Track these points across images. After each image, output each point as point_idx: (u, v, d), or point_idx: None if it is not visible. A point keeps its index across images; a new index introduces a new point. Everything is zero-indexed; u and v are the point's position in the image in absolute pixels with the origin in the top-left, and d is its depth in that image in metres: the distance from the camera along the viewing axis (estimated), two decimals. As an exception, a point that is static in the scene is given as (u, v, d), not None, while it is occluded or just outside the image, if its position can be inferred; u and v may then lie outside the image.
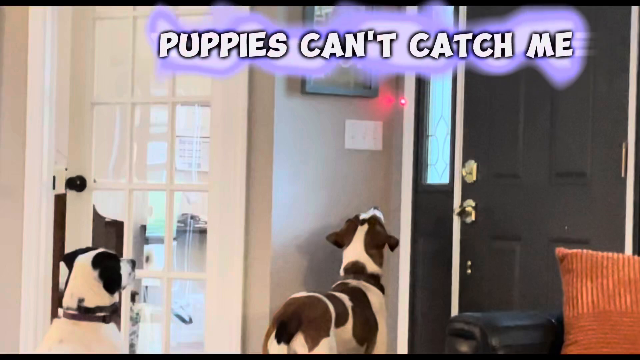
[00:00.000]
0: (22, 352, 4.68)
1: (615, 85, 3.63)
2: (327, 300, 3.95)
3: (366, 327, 4.09)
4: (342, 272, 4.31)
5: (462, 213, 4.25)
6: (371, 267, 4.27)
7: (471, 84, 4.28)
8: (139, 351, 6.22)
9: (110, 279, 3.62)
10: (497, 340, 2.97)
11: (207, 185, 4.89)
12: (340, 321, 3.95)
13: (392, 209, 4.75)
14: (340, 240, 4.36)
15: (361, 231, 4.31)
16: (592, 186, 3.68)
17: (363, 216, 4.36)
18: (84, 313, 3.57)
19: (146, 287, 7.32)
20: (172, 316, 5.58)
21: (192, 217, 7.50)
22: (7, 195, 4.75)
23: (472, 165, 4.23)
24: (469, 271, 4.24)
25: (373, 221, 4.35)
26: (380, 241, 4.32)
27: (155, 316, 6.53)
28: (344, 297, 4.06)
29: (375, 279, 4.27)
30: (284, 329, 3.76)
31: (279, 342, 3.74)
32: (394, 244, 4.37)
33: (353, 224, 4.36)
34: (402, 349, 4.65)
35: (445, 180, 4.52)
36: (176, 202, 4.99)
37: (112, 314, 3.66)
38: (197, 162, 7.88)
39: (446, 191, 4.40)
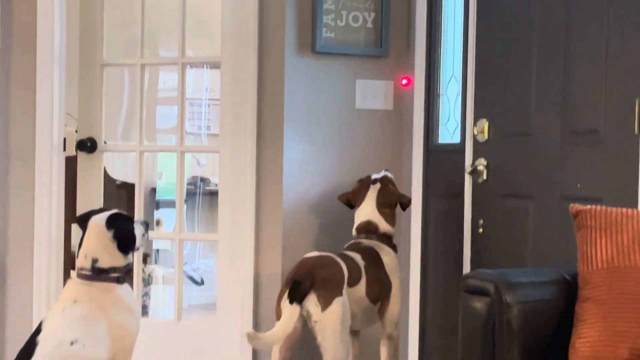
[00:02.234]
0: (35, 313, 4.70)
1: (628, 41, 3.60)
2: (340, 259, 3.95)
3: (379, 287, 4.10)
4: (354, 232, 4.32)
5: (474, 172, 4.24)
6: (384, 226, 4.27)
7: (483, 41, 4.25)
8: (151, 313, 6.25)
9: (125, 239, 3.62)
10: (511, 296, 2.96)
11: (217, 146, 4.88)
12: (353, 280, 3.96)
13: (403, 169, 4.75)
14: (352, 200, 4.36)
15: (373, 190, 4.31)
16: (605, 143, 3.65)
17: (375, 176, 4.36)
18: (98, 274, 3.58)
19: (157, 250, 7.34)
20: (184, 278, 5.60)
21: (202, 180, 7.50)
22: (19, 158, 4.76)
23: (484, 123, 4.21)
24: (480, 230, 4.23)
25: (385, 180, 4.34)
26: (392, 200, 4.32)
27: (166, 278, 6.56)
28: (357, 257, 4.07)
29: (388, 239, 4.27)
30: (296, 289, 3.76)
31: (291, 301, 3.75)
32: (406, 203, 4.37)
33: (365, 183, 4.35)
34: (414, 307, 4.66)
35: (456, 139, 4.50)
36: (186, 164, 4.98)
37: (125, 274, 3.67)
38: (207, 125, 7.88)
39: (458, 150, 4.39)
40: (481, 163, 4.21)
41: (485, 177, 4.20)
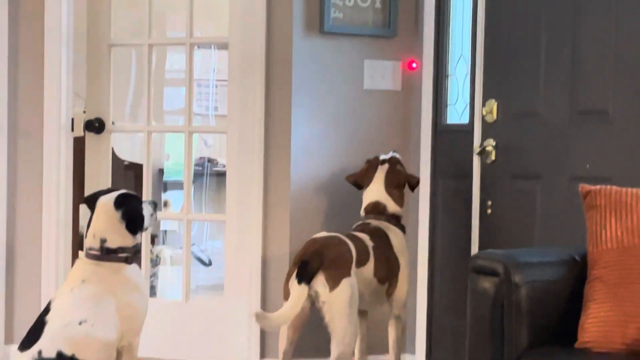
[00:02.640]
0: (43, 293, 4.71)
1: (639, 20, 3.58)
2: (348, 240, 3.95)
3: (387, 267, 4.10)
4: (362, 213, 4.31)
5: (482, 153, 4.23)
6: (392, 207, 4.27)
7: (491, 22, 4.23)
8: (159, 293, 6.26)
9: (133, 219, 3.62)
10: (520, 276, 2.96)
11: (225, 127, 4.88)
12: (362, 261, 3.96)
13: (411, 150, 4.74)
14: (360, 180, 4.36)
15: (381, 171, 4.30)
16: (615, 124, 3.64)
17: (383, 157, 4.35)
18: (106, 254, 3.58)
19: (165, 231, 7.35)
20: (192, 259, 5.61)
21: (210, 160, 7.50)
22: (27, 139, 4.76)
23: (493, 104, 4.19)
24: (489, 211, 4.22)
25: (393, 161, 4.34)
26: (400, 181, 4.31)
27: (174, 259, 6.57)
28: (365, 237, 4.07)
29: (396, 219, 4.27)
30: (304, 269, 3.76)
31: (299, 282, 3.75)
32: (414, 183, 4.36)
33: (373, 164, 4.34)
34: (422, 287, 4.66)
35: (465, 120, 4.49)
36: (194, 145, 4.98)
37: (134, 255, 3.67)
38: (214, 106, 7.87)
39: (466, 131, 4.38)
40: (490, 144, 4.20)
41: (493, 157, 4.19)
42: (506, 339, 2.96)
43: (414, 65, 4.70)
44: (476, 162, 4.29)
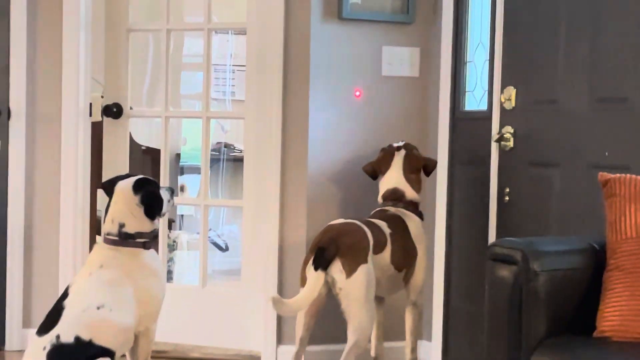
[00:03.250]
0: (61, 278, 4.73)
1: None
2: (365, 227, 3.95)
3: (405, 254, 4.10)
4: (380, 200, 4.31)
5: (501, 140, 4.21)
6: (410, 193, 4.27)
7: (510, 7, 4.21)
8: (176, 278, 6.28)
9: (152, 203, 3.63)
10: (538, 264, 2.95)
11: (243, 112, 4.88)
12: (379, 248, 3.95)
13: (429, 136, 4.73)
14: (377, 168, 4.34)
15: (399, 157, 4.30)
16: (634, 111, 3.61)
17: (397, 144, 4.35)
18: (125, 239, 3.59)
19: (181, 215, 7.36)
20: (208, 244, 5.62)
21: (227, 146, 7.50)
22: (45, 123, 4.77)
23: (511, 91, 4.17)
24: (506, 198, 4.21)
25: (409, 147, 4.34)
26: (419, 165, 4.31)
27: (191, 244, 6.58)
28: (383, 224, 4.07)
29: (414, 206, 4.27)
30: (321, 255, 3.77)
31: (316, 268, 3.75)
32: (432, 166, 4.36)
33: (389, 151, 4.34)
34: (439, 275, 4.66)
35: (483, 106, 4.47)
36: (211, 131, 4.97)
37: (152, 240, 3.68)
38: (231, 91, 7.87)
39: (484, 118, 4.36)
40: (508, 131, 4.18)
41: (512, 144, 4.17)
42: (524, 327, 2.95)
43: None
44: (494, 149, 4.27)
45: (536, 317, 2.95)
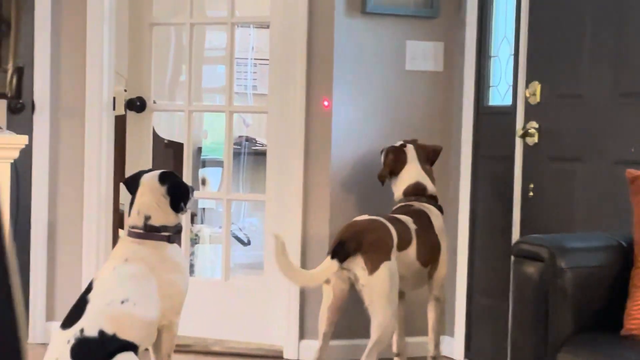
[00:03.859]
0: (84, 272, 4.74)
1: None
2: (390, 224, 3.93)
3: (430, 250, 4.09)
4: (400, 195, 4.27)
5: (525, 135, 4.19)
6: (431, 187, 4.26)
7: (536, 1, 4.18)
8: (198, 272, 6.28)
9: (178, 194, 3.63)
10: (565, 261, 2.93)
11: (266, 106, 4.87)
12: (404, 244, 3.94)
13: (452, 131, 4.72)
14: (394, 168, 4.29)
15: (411, 151, 4.28)
16: (660, 107, 3.60)
17: (398, 142, 4.33)
18: (150, 231, 3.59)
19: (203, 209, 7.37)
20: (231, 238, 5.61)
21: (248, 140, 7.49)
22: (69, 117, 4.78)
23: (536, 86, 4.15)
24: (531, 194, 4.19)
25: (412, 140, 4.34)
26: (430, 152, 4.31)
27: (213, 237, 6.58)
28: (408, 220, 4.05)
29: (434, 200, 4.26)
30: (341, 248, 3.76)
31: (332, 257, 3.74)
32: (439, 152, 4.35)
33: (397, 149, 4.31)
34: (462, 269, 4.64)
35: (507, 101, 4.45)
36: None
37: (175, 234, 3.68)
38: (252, 85, 7.86)
39: (509, 113, 4.34)
40: (532, 126, 4.16)
41: (536, 139, 4.15)
42: (550, 324, 2.94)
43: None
44: (518, 144, 4.25)
45: (562, 315, 2.93)
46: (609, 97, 3.81)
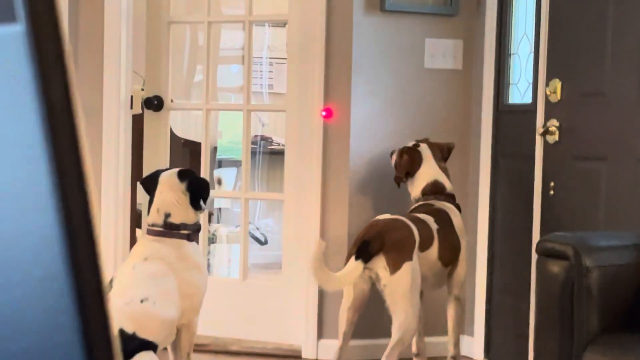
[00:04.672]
0: (102, 270, 4.72)
1: None
2: (412, 223, 3.90)
3: (451, 249, 4.07)
4: (418, 194, 4.24)
5: (546, 133, 4.16)
6: (449, 186, 4.24)
7: (557, -1, 4.15)
8: (214, 271, 6.27)
9: (197, 190, 3.62)
10: (591, 260, 2.90)
11: (284, 105, 4.85)
12: (425, 245, 3.92)
13: (472, 129, 4.69)
14: (410, 169, 4.26)
15: (425, 150, 4.25)
16: (684, 105, 3.57)
17: (410, 143, 4.30)
18: (169, 229, 3.58)
19: (219, 209, 7.35)
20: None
21: (264, 139, 7.48)
22: (86, 116, 4.77)
23: (557, 83, 4.12)
24: (551, 192, 4.16)
25: (423, 139, 4.31)
26: (444, 149, 4.28)
27: (230, 237, 6.56)
28: (430, 220, 4.02)
29: (453, 198, 4.23)
30: (365, 248, 3.74)
31: (357, 258, 3.72)
32: (452, 149, 4.32)
33: (410, 149, 4.27)
34: (482, 269, 4.62)
35: (527, 99, 4.42)
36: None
37: (195, 232, 3.66)
38: (268, 84, 7.84)
39: (529, 111, 4.31)
40: (553, 124, 4.13)
41: (557, 138, 4.12)
42: (576, 324, 2.91)
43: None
44: (539, 142, 4.22)
45: (588, 314, 2.90)
46: (632, 95, 3.77)
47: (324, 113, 4.53)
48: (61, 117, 0.62)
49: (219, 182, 7.24)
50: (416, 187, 4.26)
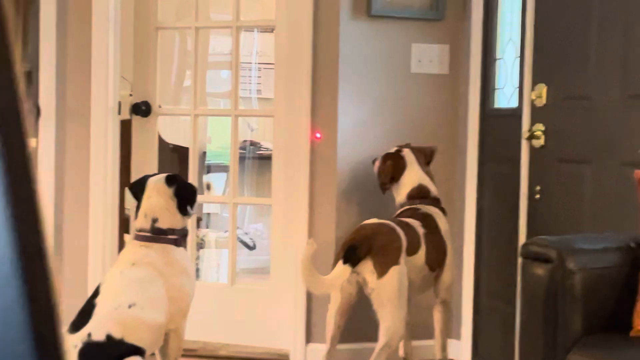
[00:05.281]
0: (90, 276, 4.74)
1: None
2: (399, 228, 3.92)
3: (438, 254, 4.09)
4: (404, 199, 4.26)
5: (531, 137, 4.18)
6: (434, 190, 4.26)
7: (541, 3, 4.18)
8: (204, 276, 6.28)
9: (185, 196, 3.64)
10: (574, 263, 2.93)
11: (271, 110, 4.87)
12: (413, 249, 3.94)
13: (459, 134, 4.71)
14: (395, 174, 4.28)
15: (409, 155, 4.28)
16: (667, 108, 3.59)
17: (392, 150, 4.32)
18: (157, 234, 3.59)
19: (208, 214, 7.36)
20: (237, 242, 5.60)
21: (253, 144, 7.49)
22: (74, 122, 4.78)
23: (542, 88, 4.15)
24: (537, 196, 4.18)
25: (406, 144, 4.34)
26: (427, 154, 4.31)
27: (219, 242, 6.58)
28: (417, 224, 4.04)
29: (438, 202, 4.25)
30: (352, 252, 3.75)
31: (344, 262, 3.73)
32: (434, 153, 4.34)
33: (394, 155, 4.30)
34: (469, 272, 4.64)
35: (513, 104, 4.45)
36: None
37: (182, 237, 3.68)
38: (257, 89, 7.86)
39: (514, 115, 4.33)
40: (539, 128, 4.16)
41: (542, 142, 4.15)
42: (559, 326, 2.93)
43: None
44: (525, 146, 4.24)
45: (572, 316, 2.93)
46: (617, 99, 3.80)
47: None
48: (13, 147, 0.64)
49: (209, 187, 7.25)
50: (401, 192, 4.28)
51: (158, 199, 3.61)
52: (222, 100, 7.69)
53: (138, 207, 3.66)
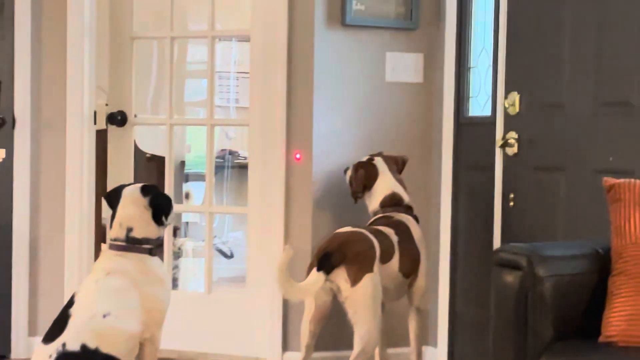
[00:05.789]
0: (66, 286, 4.74)
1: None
2: (373, 236, 3.94)
3: (411, 261, 4.11)
4: (377, 207, 4.28)
5: (505, 145, 4.21)
6: (406, 197, 4.29)
7: (514, 12, 4.21)
8: (181, 285, 6.28)
9: (160, 205, 3.64)
10: (543, 269, 2.94)
11: (247, 119, 4.88)
12: (387, 257, 3.95)
13: (433, 142, 4.73)
14: (367, 183, 4.30)
15: (380, 163, 4.31)
16: (638, 115, 3.62)
17: (364, 158, 4.35)
18: (132, 244, 3.59)
19: (186, 223, 7.37)
20: (214, 251, 5.62)
21: (231, 153, 7.50)
22: (50, 131, 4.78)
23: (515, 96, 4.17)
24: (511, 203, 4.21)
25: (378, 152, 4.36)
26: (399, 162, 4.34)
27: (196, 251, 6.58)
28: (390, 232, 4.06)
29: (411, 210, 4.28)
30: (326, 260, 3.77)
31: (318, 269, 3.75)
32: (406, 160, 4.38)
33: (365, 163, 4.34)
34: (444, 279, 4.65)
35: (487, 112, 4.48)
36: (215, 138, 4.98)
37: (157, 247, 3.68)
38: (235, 98, 7.87)
39: (488, 123, 4.36)
40: (512, 136, 4.18)
41: (516, 150, 4.17)
42: (530, 332, 2.95)
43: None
44: (498, 154, 4.27)
45: (542, 322, 2.94)
46: (590, 107, 3.83)
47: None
48: None
49: (187, 196, 7.26)
50: (374, 200, 4.30)
51: (133, 209, 3.62)
52: (201, 109, 7.69)
53: (113, 217, 3.66)
